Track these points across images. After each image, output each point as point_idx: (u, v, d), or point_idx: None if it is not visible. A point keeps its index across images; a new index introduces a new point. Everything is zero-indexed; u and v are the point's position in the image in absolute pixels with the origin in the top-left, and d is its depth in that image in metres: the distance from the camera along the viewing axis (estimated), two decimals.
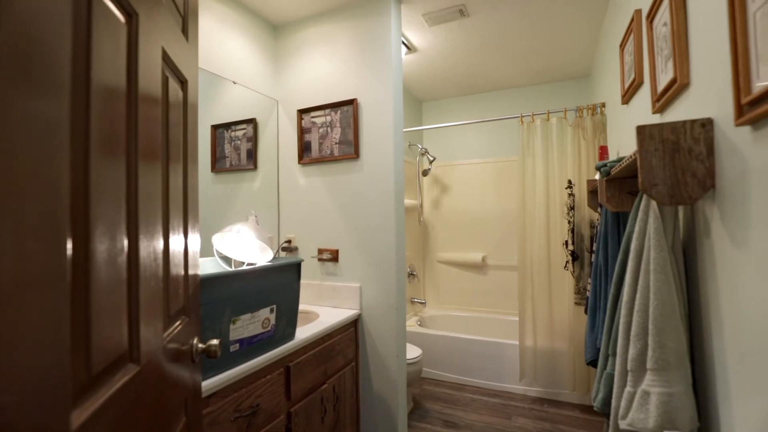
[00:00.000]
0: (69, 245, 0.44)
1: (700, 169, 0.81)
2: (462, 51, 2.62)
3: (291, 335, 1.44)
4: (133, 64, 0.63)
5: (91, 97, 0.50)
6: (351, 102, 1.95)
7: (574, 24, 2.26)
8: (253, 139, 2.10)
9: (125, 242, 0.59)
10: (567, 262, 2.42)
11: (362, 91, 1.95)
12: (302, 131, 2.11)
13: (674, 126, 0.82)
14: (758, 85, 0.60)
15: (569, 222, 2.38)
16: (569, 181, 2.38)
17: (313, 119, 2.08)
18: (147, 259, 0.66)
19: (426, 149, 3.47)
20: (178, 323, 0.84)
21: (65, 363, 0.42)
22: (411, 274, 3.45)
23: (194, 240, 0.97)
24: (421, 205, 3.53)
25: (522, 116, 2.53)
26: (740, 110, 0.65)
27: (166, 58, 0.78)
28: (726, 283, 0.76)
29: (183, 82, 0.91)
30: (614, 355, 1.06)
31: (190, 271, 0.93)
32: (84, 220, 0.48)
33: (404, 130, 3.05)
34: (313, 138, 2.08)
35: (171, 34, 0.81)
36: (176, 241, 0.83)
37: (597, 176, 1.45)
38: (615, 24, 1.87)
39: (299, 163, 2.11)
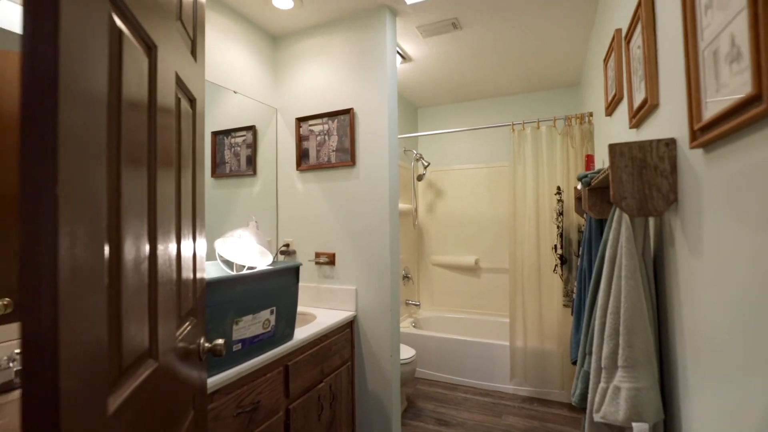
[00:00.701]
0: (106, 251, 0.51)
1: (665, 185, 0.89)
2: (455, 61, 2.71)
3: (290, 336, 1.51)
4: (153, 88, 0.71)
5: (122, 117, 0.58)
6: (348, 111, 2.03)
7: (563, 36, 2.35)
8: (253, 146, 2.17)
9: (147, 248, 0.66)
10: (556, 265, 2.51)
11: (358, 101, 2.02)
12: (300, 139, 2.18)
13: (642, 144, 0.91)
14: (707, 113, 0.69)
15: (558, 227, 2.46)
16: (558, 188, 2.47)
17: (311, 127, 2.16)
18: (163, 264, 0.73)
19: (421, 155, 3.55)
20: (187, 324, 0.91)
21: (105, 356, 0.49)
22: (406, 277, 3.53)
23: (201, 245, 1.04)
24: (416, 209, 3.61)
25: (513, 124, 2.62)
26: (694, 134, 0.73)
27: (179, 82, 0.85)
28: (685, 288, 0.84)
29: (192, 101, 0.98)
30: (590, 353, 1.15)
31: (198, 275, 1.00)
32: (116, 227, 0.55)
33: (399, 136, 3.13)
34: (311, 145, 2.15)
35: (182, 58, 0.88)
36: (186, 247, 0.90)
37: (579, 186, 1.53)
38: (600, 39, 1.97)
39: (297, 169, 2.18)
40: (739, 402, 0.61)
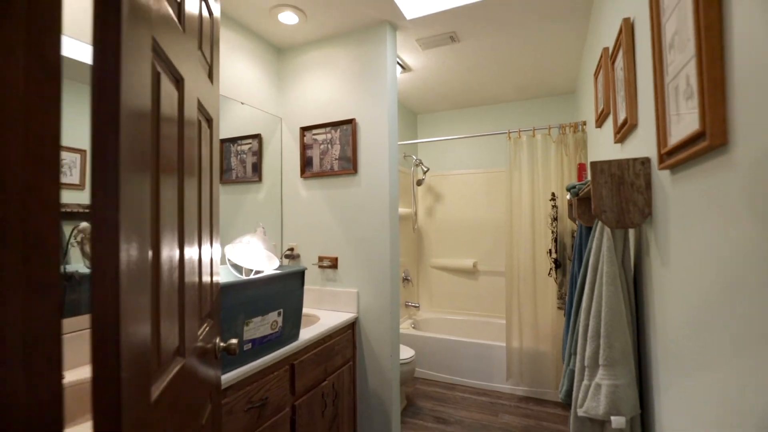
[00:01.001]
0: (150, 259, 0.60)
1: (640, 200, 0.98)
2: (453, 70, 2.80)
3: (295, 336, 1.60)
4: (181, 115, 0.80)
5: (159, 140, 0.66)
6: (350, 122, 2.12)
7: (559, 47, 2.44)
8: (258, 153, 2.26)
9: (177, 254, 0.75)
10: (551, 269, 2.59)
11: (360, 112, 2.11)
12: (304, 147, 2.27)
13: (620, 163, 0.99)
14: (671, 140, 0.77)
15: (552, 232, 2.55)
16: (552, 194, 2.56)
17: (315, 136, 2.25)
18: (189, 270, 0.82)
19: (420, 160, 3.64)
20: (205, 325, 1.00)
21: (149, 351, 0.58)
22: (405, 279, 3.62)
23: (217, 251, 1.13)
24: (416, 213, 3.70)
25: (509, 132, 2.71)
26: (661, 157, 0.82)
27: (200, 106, 0.94)
28: (658, 294, 0.93)
29: (209, 120, 1.07)
30: (575, 353, 1.23)
31: (214, 279, 1.09)
32: (155, 237, 0.64)
33: (399, 143, 3.21)
34: (315, 154, 2.24)
35: (202, 84, 0.97)
36: (206, 253, 0.99)
37: (568, 196, 1.62)
38: (591, 53, 2.06)
39: (301, 176, 2.27)
40: (699, 396, 0.69)
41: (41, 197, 0.45)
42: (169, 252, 0.70)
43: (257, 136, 2.25)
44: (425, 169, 3.61)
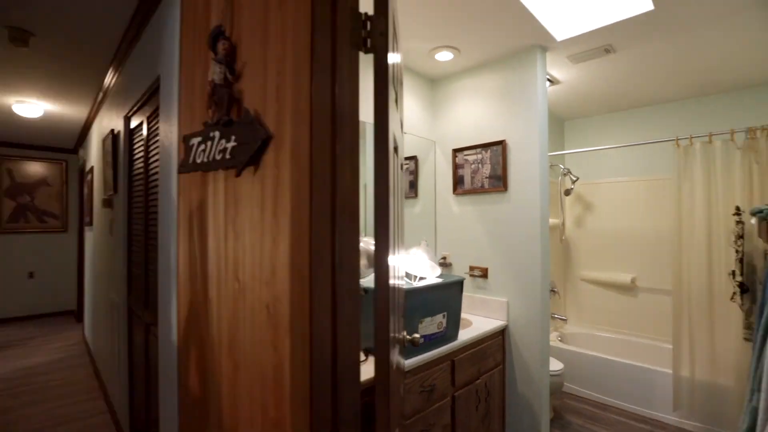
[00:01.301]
0: (390, 266, 0.91)
1: None
2: (607, 78, 2.69)
3: (455, 336, 1.85)
4: (396, 168, 1.12)
5: (395, 183, 0.99)
6: (500, 143, 2.29)
7: (743, 38, 2.15)
8: (415, 173, 2.60)
9: (395, 263, 1.07)
10: (734, 293, 2.28)
11: (510, 133, 2.26)
12: (456, 167, 2.53)
13: None
14: None
15: (737, 251, 2.24)
16: (737, 208, 2.25)
17: (466, 157, 2.48)
18: (392, 276, 1.14)
19: (568, 169, 3.54)
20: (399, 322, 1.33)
21: (390, 336, 0.89)
22: (551, 291, 3.56)
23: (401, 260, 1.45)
24: (563, 224, 3.61)
25: (678, 139, 2.47)
26: None
27: (402, 162, 1.27)
28: None
29: (402, 165, 1.40)
30: (759, 390, 1.17)
31: (403, 284, 1.42)
32: (392, 249, 0.96)
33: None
34: (466, 173, 2.48)
35: (401, 139, 1.30)
36: (400, 261, 1.31)
37: (752, 221, 1.48)
38: None
39: (453, 193, 2.53)
40: None
41: (351, 241, 0.79)
42: (394, 261, 1.02)
43: (414, 158, 2.60)
44: (574, 179, 3.50)
